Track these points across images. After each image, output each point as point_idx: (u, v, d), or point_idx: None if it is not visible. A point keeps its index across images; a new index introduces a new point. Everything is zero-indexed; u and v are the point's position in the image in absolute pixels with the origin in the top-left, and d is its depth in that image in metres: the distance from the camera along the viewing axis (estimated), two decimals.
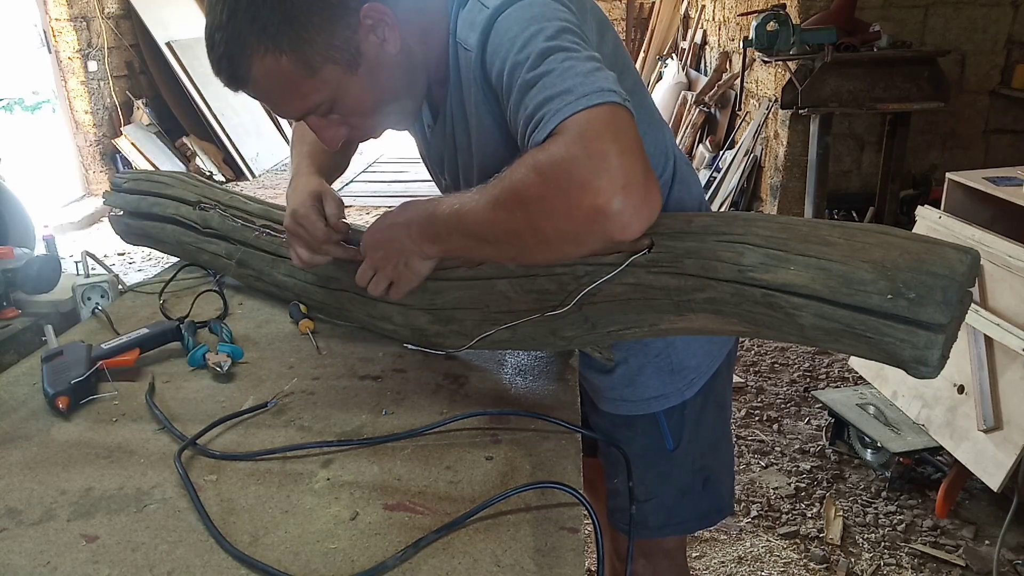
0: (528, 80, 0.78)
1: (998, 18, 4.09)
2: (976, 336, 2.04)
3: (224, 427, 0.97)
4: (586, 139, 0.72)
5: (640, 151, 0.73)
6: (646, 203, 0.72)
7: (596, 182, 0.71)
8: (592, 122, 0.73)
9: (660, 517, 1.20)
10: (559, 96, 0.75)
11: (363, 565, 0.73)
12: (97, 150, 5.76)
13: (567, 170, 0.72)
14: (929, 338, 0.69)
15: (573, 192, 0.72)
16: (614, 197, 0.71)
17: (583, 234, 0.75)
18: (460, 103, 0.95)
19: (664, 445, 1.16)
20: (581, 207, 0.72)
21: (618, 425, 1.17)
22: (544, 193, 0.74)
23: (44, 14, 5.48)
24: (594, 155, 0.71)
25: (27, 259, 1.32)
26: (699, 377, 1.14)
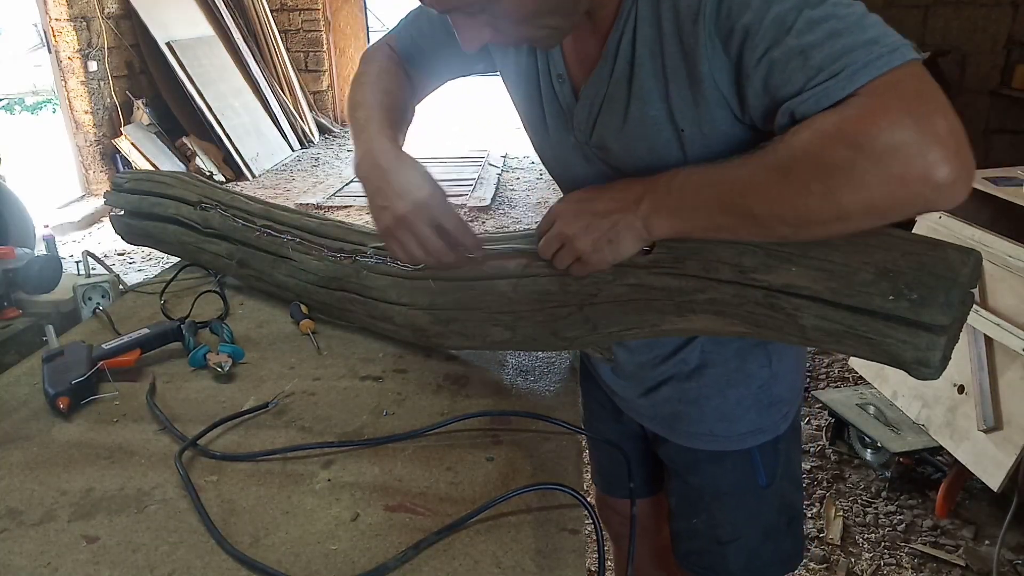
0: (814, 18, 0.66)
1: (998, 18, 4.09)
2: (976, 336, 2.04)
3: (225, 428, 0.97)
4: (909, 102, 0.63)
5: (954, 112, 0.64)
6: (970, 168, 0.64)
7: (928, 151, 0.62)
8: (909, 82, 0.64)
9: (741, 560, 1.10)
10: (864, 47, 0.65)
11: (364, 566, 0.73)
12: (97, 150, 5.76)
13: (890, 138, 0.63)
14: (931, 339, 0.69)
15: (899, 162, 0.63)
16: (946, 166, 0.62)
17: (902, 206, 0.65)
18: (654, 40, 0.78)
19: (756, 481, 1.05)
20: (907, 179, 0.63)
21: (702, 460, 1.06)
22: (858, 163, 0.64)
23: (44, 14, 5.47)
24: (921, 119, 0.62)
25: (28, 259, 1.32)
26: (791, 410, 1.06)
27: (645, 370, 1.04)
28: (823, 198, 0.67)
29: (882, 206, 0.65)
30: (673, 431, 1.07)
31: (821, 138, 0.66)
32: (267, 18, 7.29)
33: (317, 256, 1.22)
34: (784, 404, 1.04)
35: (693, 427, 1.04)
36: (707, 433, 1.03)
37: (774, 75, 0.69)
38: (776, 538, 1.10)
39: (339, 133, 7.88)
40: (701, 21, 0.72)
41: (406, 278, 1.09)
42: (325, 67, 7.86)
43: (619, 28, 0.80)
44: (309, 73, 7.83)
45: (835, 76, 0.65)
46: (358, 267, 1.16)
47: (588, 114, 0.88)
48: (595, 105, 0.86)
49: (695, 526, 1.10)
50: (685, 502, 1.11)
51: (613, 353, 1.06)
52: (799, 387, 1.08)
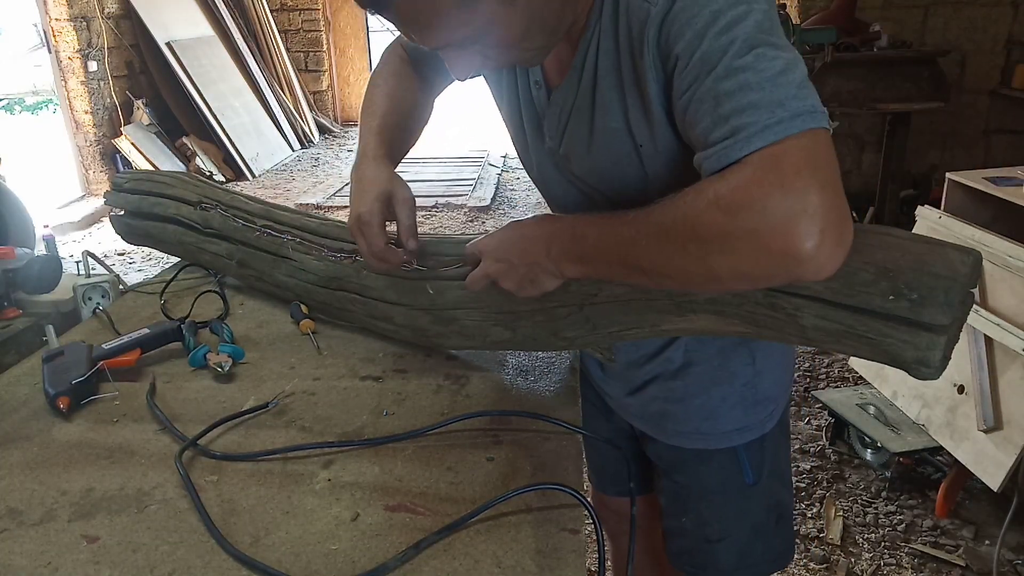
0: (734, 67, 0.67)
1: (998, 18, 4.09)
2: (976, 336, 2.04)
3: (225, 428, 0.97)
4: (785, 176, 0.64)
5: (839, 184, 0.65)
6: (841, 244, 0.64)
7: (793, 226, 0.63)
8: (796, 154, 0.64)
9: (731, 559, 1.11)
10: (767, 108, 0.65)
11: (364, 566, 0.73)
12: (97, 150, 5.76)
13: (759, 209, 0.64)
14: (931, 339, 0.69)
15: (763, 234, 0.64)
16: (811, 241, 0.63)
17: (767, 276, 0.68)
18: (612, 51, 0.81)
19: (743, 480, 1.07)
20: (771, 250, 0.64)
21: (688, 459, 1.08)
22: (728, 231, 0.66)
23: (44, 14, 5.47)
24: (791, 193, 0.63)
25: (28, 259, 1.32)
26: (777, 408, 1.07)
27: (632, 370, 1.06)
28: (698, 260, 0.69)
29: (751, 273, 0.67)
30: (660, 430, 1.08)
31: (701, 203, 0.68)
32: (267, 18, 7.29)
33: (317, 256, 1.22)
34: (770, 402, 1.05)
35: (679, 425, 1.06)
36: (693, 431, 1.05)
37: (690, 111, 0.71)
38: (765, 536, 1.11)
39: (339, 133, 7.88)
40: (646, 44, 0.75)
41: (406, 278, 1.09)
42: (325, 67, 7.86)
43: (587, 39, 0.83)
44: (309, 73, 7.83)
45: (734, 135, 0.66)
46: (358, 267, 1.16)
47: (558, 122, 0.91)
48: (564, 113, 0.90)
49: (684, 525, 1.12)
50: (674, 501, 1.13)
51: (613, 353, 1.06)
52: (787, 385, 1.09)
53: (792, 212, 0.63)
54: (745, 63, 0.67)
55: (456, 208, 5.22)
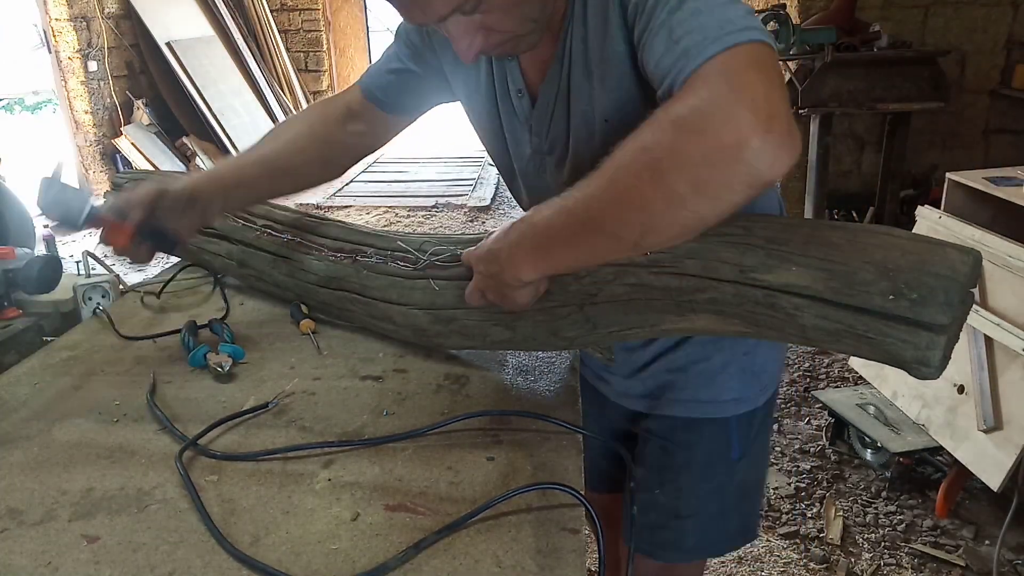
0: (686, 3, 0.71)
1: (998, 18, 4.09)
2: (976, 336, 2.04)
3: (225, 427, 0.97)
4: (729, 73, 0.66)
5: (784, 87, 0.67)
6: (791, 136, 0.65)
7: (739, 115, 0.63)
8: (738, 57, 0.67)
9: (695, 538, 1.12)
10: (716, 26, 0.68)
11: (364, 566, 0.73)
12: (97, 150, 5.76)
13: (706, 108, 0.65)
14: (931, 339, 0.69)
15: (711, 130, 0.64)
16: (759, 128, 0.63)
17: (725, 179, 0.66)
18: (583, 37, 0.85)
19: (729, 455, 1.08)
20: (722, 145, 0.64)
21: (678, 427, 1.09)
22: (677, 141, 0.66)
23: (44, 14, 5.47)
24: (737, 87, 0.65)
25: (28, 259, 1.32)
26: (771, 383, 1.09)
27: (635, 353, 1.08)
28: (654, 186, 0.68)
29: (710, 182, 0.66)
30: (656, 402, 1.10)
31: (652, 126, 0.68)
32: (267, 18, 7.29)
33: (317, 256, 1.22)
34: (765, 375, 1.07)
35: (678, 393, 1.08)
36: (690, 399, 1.07)
37: (647, 47, 0.74)
38: (728, 515, 1.13)
39: None
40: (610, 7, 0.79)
41: (406, 278, 1.09)
42: (325, 67, 7.86)
43: (565, 30, 0.86)
44: (309, 73, 7.83)
45: (686, 55, 0.68)
46: (358, 267, 1.16)
47: (544, 114, 0.94)
48: (549, 105, 0.93)
49: (656, 497, 1.12)
50: (653, 471, 1.13)
51: (613, 353, 1.06)
52: (780, 362, 1.11)
53: (739, 102, 0.64)
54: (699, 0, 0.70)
55: (456, 208, 5.22)
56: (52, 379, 1.11)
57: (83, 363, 1.15)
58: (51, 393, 1.07)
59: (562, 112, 0.92)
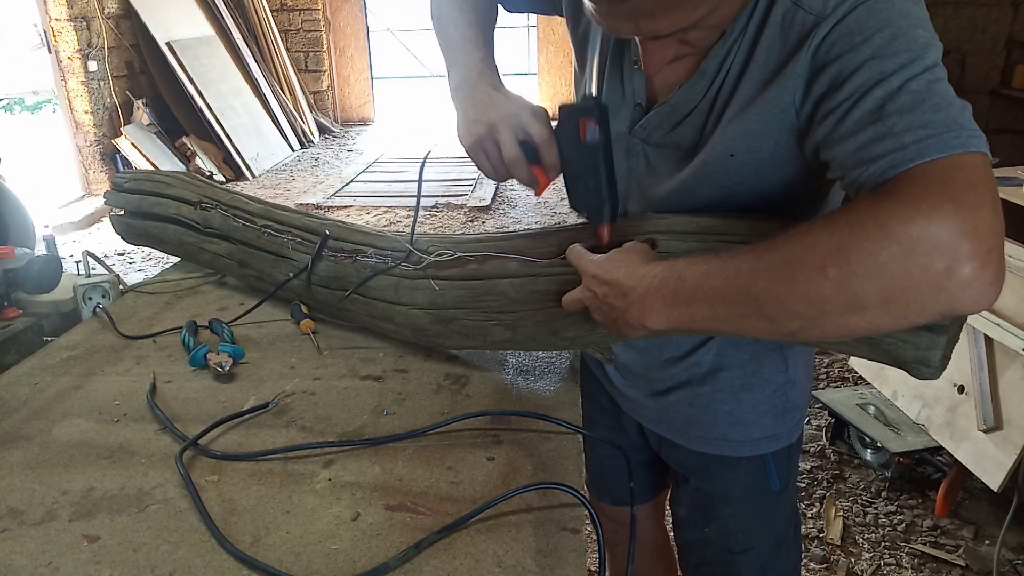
0: (909, 86, 0.63)
1: (998, 18, 4.10)
2: (976, 336, 2.04)
3: (225, 427, 0.97)
4: (955, 187, 0.58)
5: (1002, 213, 0.60)
6: (1001, 271, 0.58)
7: (958, 243, 0.56)
8: (965, 170, 0.60)
9: (754, 571, 1.07)
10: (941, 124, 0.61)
11: (365, 566, 0.73)
12: (97, 150, 5.75)
13: (921, 223, 0.58)
14: (931, 339, 0.69)
15: (923, 250, 0.57)
16: (975, 263, 0.57)
17: (920, 303, 0.59)
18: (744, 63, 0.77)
19: (770, 488, 1.03)
20: (931, 268, 0.57)
21: (714, 465, 1.04)
22: (879, 248, 0.59)
23: (44, 14, 5.47)
24: (962, 208, 0.57)
25: (28, 259, 1.32)
26: (802, 417, 1.04)
27: (654, 372, 1.03)
28: (838, 286, 0.61)
29: (901, 298, 0.59)
30: (683, 435, 1.05)
31: (851, 219, 0.61)
32: (267, 18, 7.29)
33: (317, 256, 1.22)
34: (798, 411, 1.02)
35: (705, 431, 1.02)
36: (720, 438, 1.01)
37: (847, 123, 0.66)
38: (787, 547, 1.09)
39: (339, 133, 7.88)
40: (803, 52, 0.71)
41: (406, 278, 1.09)
42: (325, 67, 7.86)
43: (727, 45, 0.79)
44: (309, 73, 7.83)
45: (904, 148, 0.62)
46: (358, 267, 1.16)
47: (668, 117, 0.86)
48: (678, 113, 0.85)
49: (706, 535, 1.08)
50: (696, 510, 1.09)
51: (613, 353, 1.06)
52: (809, 393, 1.06)
53: (961, 229, 0.57)
54: (921, 85, 0.63)
55: (456, 208, 5.22)
56: (52, 379, 1.11)
57: (83, 363, 1.15)
58: (51, 393, 1.07)
59: (694, 126, 0.84)
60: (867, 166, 0.64)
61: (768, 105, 0.75)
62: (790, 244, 0.64)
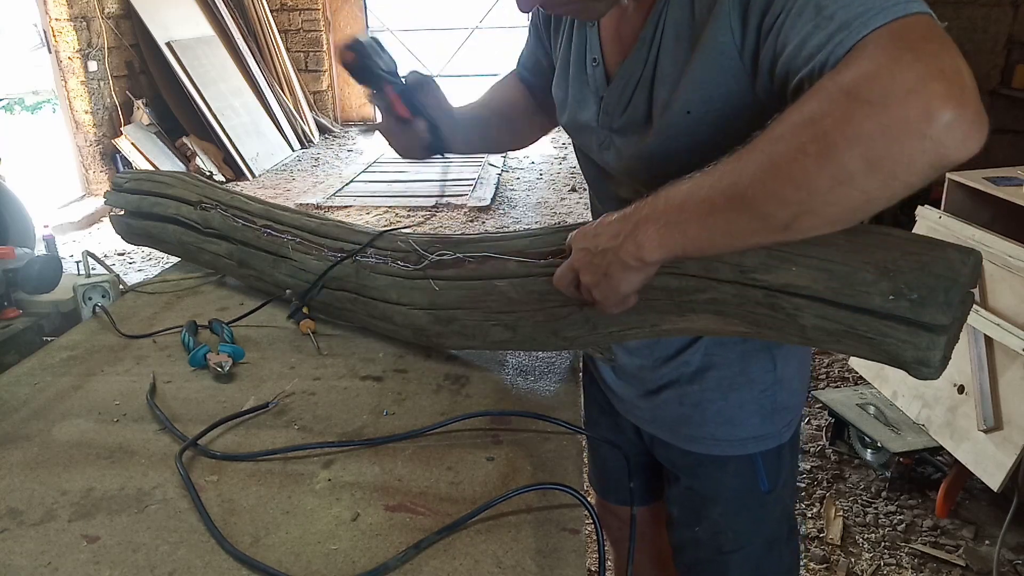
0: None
1: (998, 18, 4.10)
2: (976, 336, 2.04)
3: (225, 428, 0.97)
4: (910, 40, 0.59)
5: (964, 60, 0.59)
6: (979, 111, 0.57)
7: (928, 84, 0.56)
8: (916, 26, 0.60)
9: (745, 572, 1.07)
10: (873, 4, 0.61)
11: (364, 566, 0.73)
12: (97, 150, 5.75)
13: (886, 76, 0.57)
14: (931, 339, 0.69)
15: (895, 99, 0.57)
16: (952, 101, 0.56)
17: (906, 156, 0.57)
18: (678, 22, 0.79)
19: (759, 487, 1.04)
20: (908, 117, 0.56)
21: (704, 464, 1.04)
22: (851, 111, 0.58)
23: (44, 14, 5.47)
24: (923, 55, 0.57)
25: (28, 259, 1.32)
26: (794, 418, 1.05)
27: (645, 372, 1.04)
28: (821, 161, 0.60)
29: (887, 159, 0.58)
30: (674, 434, 1.06)
31: (818, 96, 0.61)
32: (267, 18, 7.29)
33: (317, 256, 1.22)
34: (788, 412, 1.02)
35: (694, 431, 1.03)
36: (708, 437, 1.02)
37: (784, 31, 0.66)
38: (779, 548, 1.09)
39: (339, 133, 7.88)
40: None
41: (406, 278, 1.09)
42: (325, 67, 7.86)
43: (658, 9, 0.81)
44: (309, 73, 7.83)
45: (846, 26, 0.62)
46: (358, 267, 1.16)
47: (620, 96, 0.88)
48: (628, 88, 0.87)
49: (697, 535, 1.08)
50: (687, 509, 1.09)
51: (614, 353, 1.06)
52: (803, 394, 1.06)
53: (927, 72, 0.57)
54: None
55: (456, 208, 5.22)
56: (52, 379, 1.11)
57: (83, 363, 1.15)
58: (51, 393, 1.07)
59: (642, 97, 0.85)
60: (816, 56, 0.64)
61: (709, 51, 0.75)
62: (766, 137, 0.64)
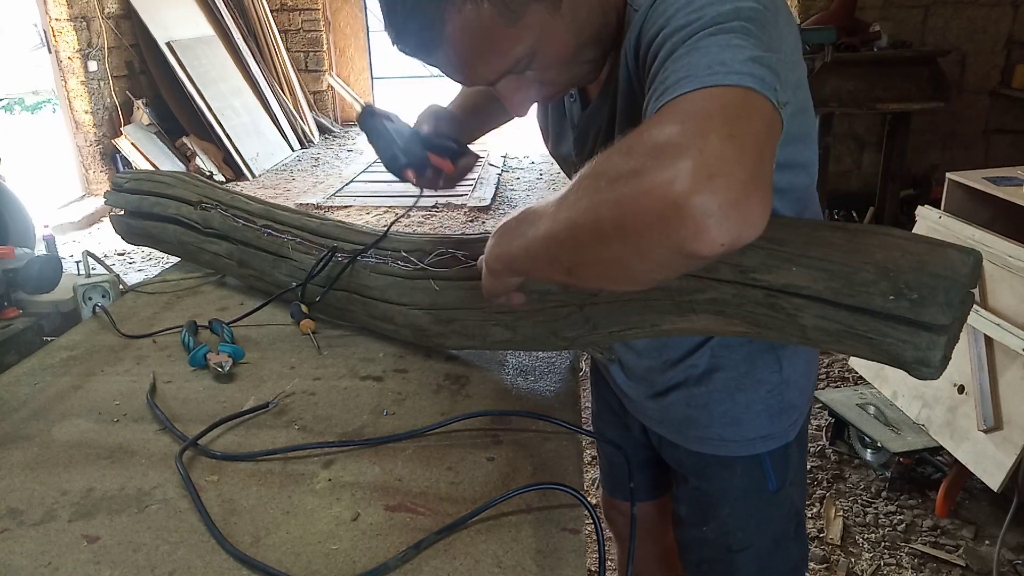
0: (688, 43, 0.62)
1: (998, 18, 4.09)
2: (976, 336, 2.04)
3: (225, 428, 0.97)
4: (689, 114, 0.56)
5: (758, 150, 0.56)
6: (737, 209, 0.53)
7: (677, 163, 0.53)
8: (709, 99, 0.57)
9: (752, 570, 1.08)
10: (705, 67, 0.59)
11: (364, 566, 0.73)
12: (97, 150, 5.75)
13: (647, 147, 0.56)
14: (931, 339, 0.69)
15: (648, 172, 0.55)
16: (695, 186, 0.52)
17: (647, 234, 0.56)
18: (618, 75, 0.80)
19: (767, 487, 1.04)
20: (651, 193, 0.54)
21: (712, 465, 1.05)
22: (619, 174, 0.58)
23: (44, 14, 5.47)
24: (689, 132, 0.55)
25: (28, 259, 1.32)
26: (801, 417, 1.05)
27: (654, 374, 1.04)
28: (586, 212, 0.61)
29: (632, 230, 0.57)
30: (681, 435, 1.06)
31: (608, 151, 0.61)
32: (267, 18, 7.29)
33: (317, 256, 1.22)
34: (795, 411, 1.03)
35: (702, 431, 1.03)
36: (716, 438, 1.03)
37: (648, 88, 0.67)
38: (786, 545, 1.09)
39: (339, 133, 7.88)
40: (627, 37, 0.75)
41: (406, 278, 1.09)
42: (325, 67, 7.86)
43: (609, 69, 0.83)
44: (309, 73, 7.83)
45: (664, 93, 0.60)
46: (358, 267, 1.16)
47: (584, 139, 0.92)
48: (592, 132, 0.90)
49: (705, 534, 1.09)
50: (695, 509, 1.10)
51: (614, 353, 1.06)
52: (810, 394, 1.07)
53: (683, 150, 0.54)
54: (703, 37, 0.62)
55: (456, 208, 5.22)
56: (52, 379, 1.11)
57: (83, 363, 1.15)
58: (51, 393, 1.07)
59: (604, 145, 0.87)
60: (646, 114, 0.64)
61: (629, 103, 0.79)
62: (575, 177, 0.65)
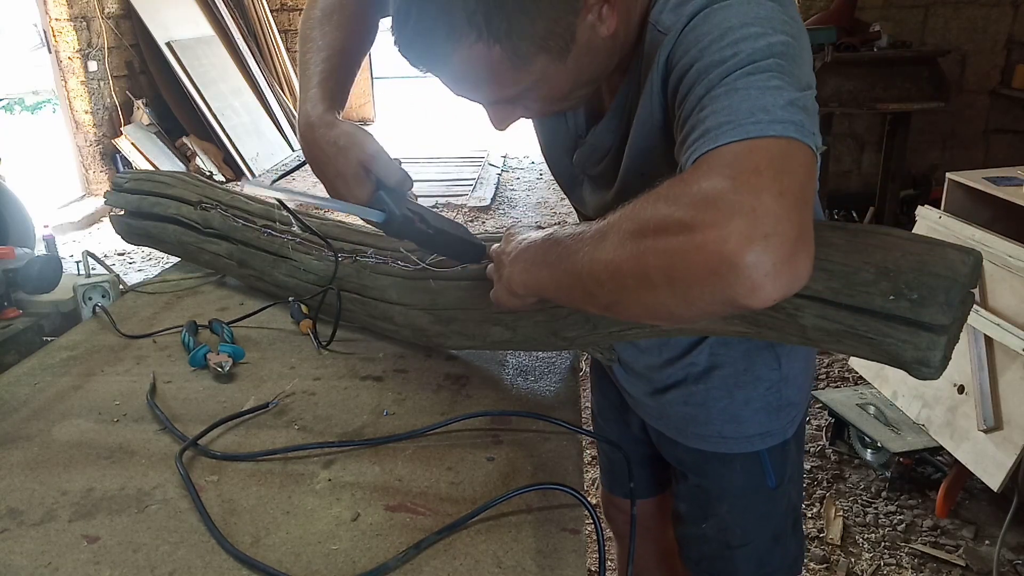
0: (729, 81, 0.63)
1: (998, 18, 4.09)
2: (976, 336, 2.04)
3: (225, 428, 0.97)
4: (738, 169, 0.57)
5: (804, 203, 0.57)
6: (790, 265, 0.55)
7: (730, 223, 0.55)
8: (756, 152, 0.58)
9: (751, 566, 1.09)
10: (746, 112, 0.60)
11: (364, 566, 0.73)
12: (97, 150, 5.75)
13: (700, 200, 0.57)
14: (931, 339, 0.69)
15: (700, 228, 0.56)
16: (750, 246, 0.54)
17: (696, 287, 0.58)
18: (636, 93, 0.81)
19: (766, 484, 1.05)
20: (704, 249, 0.56)
21: (711, 462, 1.06)
22: (666, 225, 0.59)
23: (44, 14, 5.47)
24: (741, 189, 0.56)
25: (28, 259, 1.32)
26: (799, 414, 1.06)
27: (653, 371, 1.04)
28: (630, 260, 0.62)
29: (682, 282, 0.58)
30: (681, 433, 1.07)
31: (651, 198, 0.62)
32: (267, 18, 7.29)
33: (317, 256, 1.22)
34: (793, 408, 1.03)
35: (701, 429, 1.04)
36: (715, 435, 1.03)
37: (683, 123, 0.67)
38: (784, 541, 1.10)
39: None
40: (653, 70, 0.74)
41: (406, 278, 1.09)
42: None
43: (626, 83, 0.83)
44: None
45: (705, 135, 0.61)
46: (358, 267, 1.16)
47: (590, 156, 0.93)
48: (598, 152, 0.91)
49: (704, 531, 1.10)
50: (694, 506, 1.10)
51: (614, 353, 1.06)
52: (808, 390, 1.07)
53: (736, 208, 0.55)
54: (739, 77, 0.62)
55: (456, 208, 5.22)
56: (52, 379, 1.11)
57: (83, 363, 1.15)
58: (51, 393, 1.07)
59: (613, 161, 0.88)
60: (682, 160, 0.64)
61: (646, 124, 0.79)
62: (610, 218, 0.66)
